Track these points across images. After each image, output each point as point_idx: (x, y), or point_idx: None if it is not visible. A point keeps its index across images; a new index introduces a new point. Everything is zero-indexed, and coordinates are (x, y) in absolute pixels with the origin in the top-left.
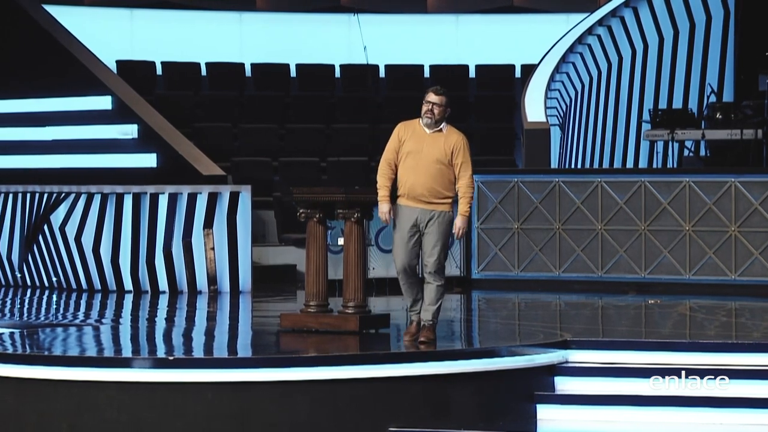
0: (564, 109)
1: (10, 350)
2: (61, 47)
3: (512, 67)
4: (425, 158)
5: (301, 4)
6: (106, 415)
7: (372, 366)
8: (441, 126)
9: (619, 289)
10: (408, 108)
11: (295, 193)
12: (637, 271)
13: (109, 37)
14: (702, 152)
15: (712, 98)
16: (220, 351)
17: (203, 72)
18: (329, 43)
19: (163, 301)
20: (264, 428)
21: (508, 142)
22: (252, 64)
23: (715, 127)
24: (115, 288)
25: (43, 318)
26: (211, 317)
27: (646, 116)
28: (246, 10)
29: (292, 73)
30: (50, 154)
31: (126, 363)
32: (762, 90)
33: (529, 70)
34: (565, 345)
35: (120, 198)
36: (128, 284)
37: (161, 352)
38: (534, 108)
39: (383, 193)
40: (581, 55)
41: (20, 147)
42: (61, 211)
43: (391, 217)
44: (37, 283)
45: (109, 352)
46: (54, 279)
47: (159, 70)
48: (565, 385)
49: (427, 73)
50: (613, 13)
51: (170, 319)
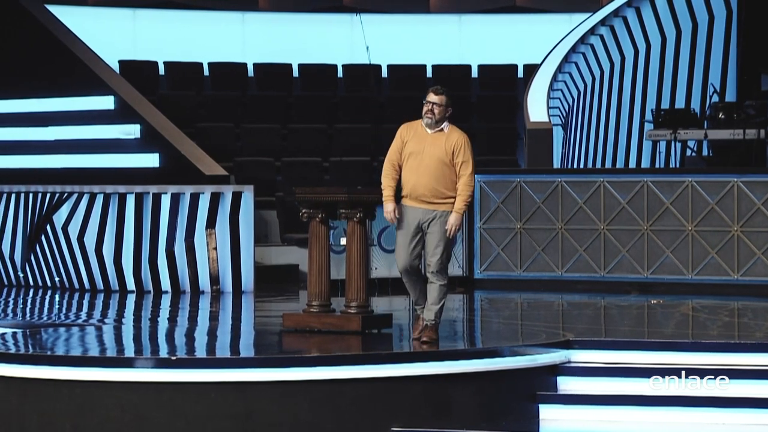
0: (566, 109)
1: (13, 350)
2: (64, 47)
3: (515, 67)
4: (427, 158)
5: (303, 4)
6: (108, 415)
7: (374, 366)
8: (442, 126)
9: (622, 289)
10: (410, 108)
11: (298, 193)
12: (639, 271)
13: (112, 37)
14: (704, 152)
15: (715, 98)
16: (223, 351)
17: (206, 72)
18: (332, 43)
19: (166, 301)
20: (266, 428)
21: (510, 142)
22: (255, 64)
23: (718, 127)
24: (117, 288)
25: (45, 318)
26: (214, 317)
27: (648, 116)
28: (248, 10)
29: (295, 73)
30: (53, 154)
31: (129, 363)
32: (765, 90)
33: (531, 70)
34: (567, 345)
35: (123, 198)
36: (131, 284)
37: (164, 352)
38: (536, 108)
39: (387, 192)
40: (584, 55)
41: (23, 147)
42: (64, 211)
43: (396, 216)
44: (40, 283)
45: (111, 352)
46: (56, 279)
47: (162, 70)
48: (567, 385)
49: (429, 73)
50: (615, 13)
51: (173, 319)
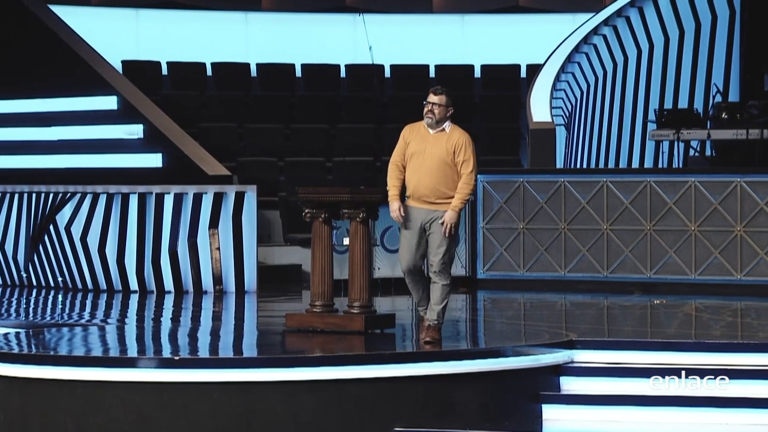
0: (569, 109)
1: (16, 350)
2: (67, 47)
3: (518, 67)
4: (428, 159)
5: (306, 4)
6: (111, 415)
7: (377, 366)
8: (444, 126)
9: (625, 289)
10: (413, 108)
11: (301, 193)
12: (642, 271)
13: (115, 37)
14: (707, 152)
15: (718, 98)
16: (226, 351)
17: (209, 72)
18: (335, 43)
19: (169, 301)
20: (269, 428)
21: (513, 142)
22: (257, 64)
23: (721, 127)
24: (120, 288)
25: (48, 318)
26: (217, 317)
27: (651, 116)
28: (251, 10)
29: (298, 73)
30: (56, 154)
31: (132, 363)
32: None
33: (534, 70)
34: (570, 345)
35: (125, 198)
36: (134, 284)
37: (167, 352)
38: (539, 108)
39: (393, 192)
40: (587, 55)
41: (26, 147)
42: (67, 211)
43: (402, 215)
44: (43, 283)
45: (114, 352)
46: (59, 279)
47: (164, 70)
48: (570, 385)
49: (432, 73)
50: (618, 13)
51: (176, 319)
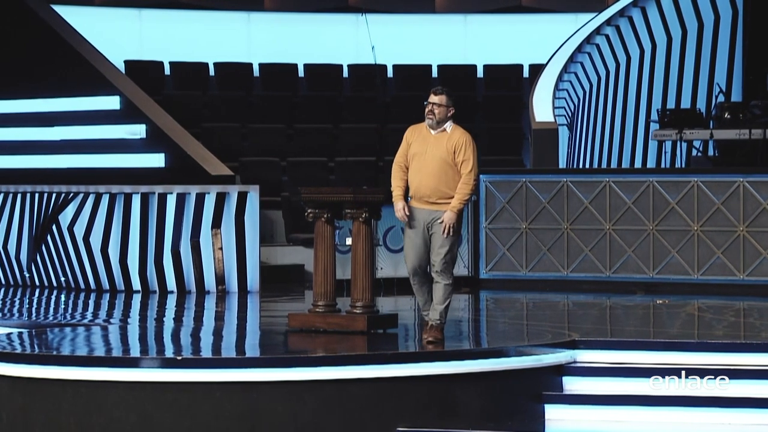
0: (572, 109)
1: (19, 350)
2: (70, 47)
3: (520, 66)
4: (429, 159)
5: (309, 4)
6: (114, 415)
7: (380, 366)
8: (445, 126)
9: (627, 289)
10: (416, 108)
11: (303, 193)
12: (645, 271)
13: (118, 37)
14: (710, 152)
15: (721, 98)
16: (229, 351)
17: (211, 72)
18: (337, 43)
19: (171, 301)
20: (272, 428)
21: (516, 142)
22: (260, 64)
23: (724, 126)
24: (123, 288)
25: (51, 318)
26: (219, 317)
27: (654, 116)
28: (254, 10)
29: (300, 73)
30: (58, 154)
31: (134, 363)
32: None
33: (537, 69)
34: (573, 345)
35: (128, 198)
36: (136, 284)
37: (169, 352)
38: (542, 108)
39: (397, 192)
40: (589, 55)
41: (29, 147)
42: (70, 211)
43: (406, 214)
44: (46, 283)
45: (117, 352)
46: (62, 279)
47: (167, 70)
48: (573, 385)
49: (435, 73)
50: (621, 13)
51: (178, 319)
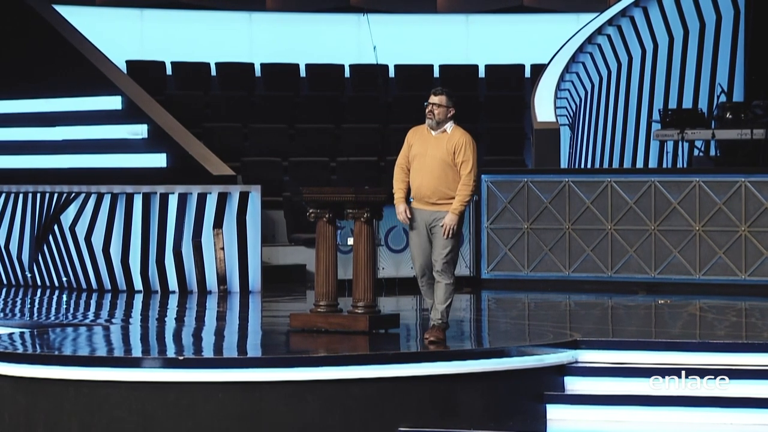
0: (574, 109)
1: (21, 350)
2: (71, 47)
3: (522, 66)
4: (429, 160)
5: (310, 4)
6: (116, 415)
7: (381, 366)
8: (445, 126)
9: (629, 289)
10: (418, 108)
11: (305, 193)
12: (647, 271)
13: (119, 37)
14: (712, 152)
15: (722, 98)
16: (230, 351)
17: (213, 72)
18: (339, 43)
19: (173, 301)
20: (274, 428)
21: (517, 142)
22: (262, 64)
23: (725, 126)
24: (125, 288)
25: (53, 318)
26: (221, 317)
27: (656, 116)
28: (256, 10)
29: (302, 73)
30: (60, 154)
31: (136, 363)
32: None
33: (538, 70)
34: (574, 345)
35: (130, 198)
36: (138, 284)
37: (171, 352)
38: (544, 108)
39: (398, 195)
40: (591, 55)
41: (30, 147)
42: (71, 211)
43: (408, 216)
44: (47, 283)
45: (119, 352)
46: (64, 279)
47: (169, 70)
48: (574, 385)
49: (436, 73)
50: (623, 13)
51: (180, 319)
